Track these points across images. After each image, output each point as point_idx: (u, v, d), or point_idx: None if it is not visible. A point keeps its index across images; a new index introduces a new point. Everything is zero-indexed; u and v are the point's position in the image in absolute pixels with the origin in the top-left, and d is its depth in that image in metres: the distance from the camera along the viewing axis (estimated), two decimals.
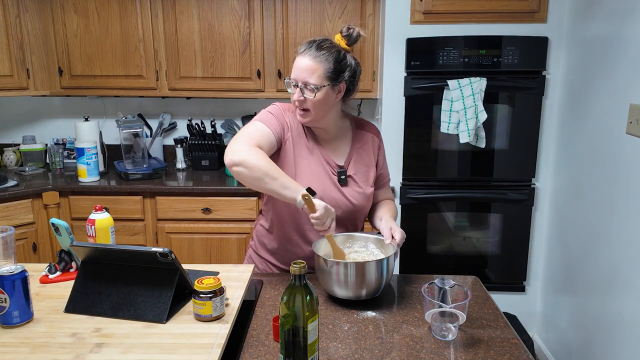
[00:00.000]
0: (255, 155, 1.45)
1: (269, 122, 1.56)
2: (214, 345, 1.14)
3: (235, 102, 3.34)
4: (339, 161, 1.62)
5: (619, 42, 2.14)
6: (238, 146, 1.48)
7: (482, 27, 2.65)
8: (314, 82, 1.49)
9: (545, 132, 2.76)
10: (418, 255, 2.88)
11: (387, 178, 1.78)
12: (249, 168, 1.43)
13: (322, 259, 1.41)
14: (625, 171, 2.08)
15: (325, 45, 1.51)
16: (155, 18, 2.94)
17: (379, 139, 1.73)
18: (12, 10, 2.85)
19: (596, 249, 2.30)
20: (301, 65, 1.50)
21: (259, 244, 1.74)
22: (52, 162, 3.19)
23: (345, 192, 1.61)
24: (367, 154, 1.67)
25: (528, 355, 1.22)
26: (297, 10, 2.91)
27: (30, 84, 2.99)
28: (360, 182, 1.63)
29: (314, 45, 1.50)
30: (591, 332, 2.35)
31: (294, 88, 1.53)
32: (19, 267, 1.22)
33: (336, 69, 1.51)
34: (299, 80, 1.51)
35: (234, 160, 1.45)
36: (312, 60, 1.49)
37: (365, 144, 1.68)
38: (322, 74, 1.49)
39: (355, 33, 1.53)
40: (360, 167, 1.65)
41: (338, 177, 1.60)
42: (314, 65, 1.48)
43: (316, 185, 1.54)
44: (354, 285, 1.40)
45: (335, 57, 1.50)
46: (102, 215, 1.54)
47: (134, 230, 2.90)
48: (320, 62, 1.49)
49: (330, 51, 1.50)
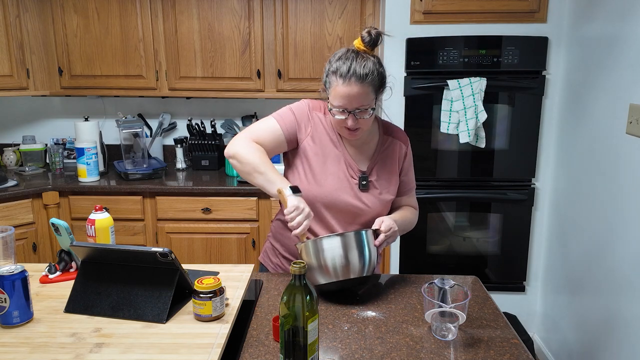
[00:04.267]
0: (248, 149, 1.48)
1: (284, 120, 1.55)
2: (214, 345, 1.14)
3: (235, 102, 3.34)
4: (362, 166, 1.59)
5: (619, 42, 2.14)
6: (238, 139, 1.53)
7: (482, 27, 2.65)
8: (369, 104, 1.46)
9: (545, 132, 2.76)
10: (418, 255, 2.88)
11: (410, 185, 1.71)
12: (240, 161, 1.49)
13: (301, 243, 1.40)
14: (625, 171, 2.08)
15: (367, 64, 1.44)
16: (155, 18, 2.94)
17: (407, 145, 1.68)
18: (12, 10, 2.85)
19: (596, 249, 2.30)
20: (352, 94, 1.43)
21: (275, 237, 1.73)
22: (52, 162, 3.19)
23: (363, 197, 1.58)
24: (392, 161, 1.63)
25: (528, 355, 1.22)
26: (297, 10, 2.91)
27: (30, 84, 2.99)
28: (380, 188, 1.60)
29: (356, 68, 1.42)
30: (591, 331, 2.35)
31: (343, 114, 1.47)
32: (19, 267, 1.22)
33: (380, 81, 1.49)
34: (352, 108, 1.45)
35: (229, 152, 1.52)
36: (360, 87, 1.43)
37: (392, 151, 1.63)
38: (372, 91, 1.46)
39: (374, 34, 1.47)
40: (382, 174, 1.61)
41: (359, 182, 1.57)
42: (364, 89, 1.43)
43: (334, 186, 1.53)
44: (338, 266, 1.38)
45: (378, 70, 1.47)
46: (102, 215, 1.54)
47: (134, 230, 2.90)
48: (368, 83, 1.44)
49: (371, 68, 1.44)
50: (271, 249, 1.75)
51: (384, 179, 1.61)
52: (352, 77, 1.42)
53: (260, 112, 3.34)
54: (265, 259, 1.77)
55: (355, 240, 1.41)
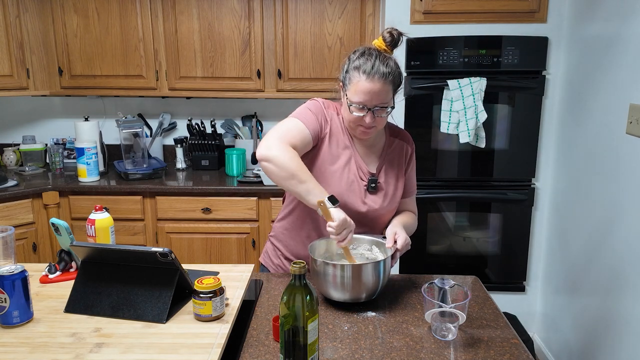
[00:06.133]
0: (286, 154, 1.42)
1: (308, 120, 1.52)
2: (214, 345, 1.14)
3: (235, 102, 3.34)
4: (371, 168, 1.59)
5: (619, 42, 2.14)
6: (272, 142, 1.44)
7: (482, 27, 2.65)
8: (388, 102, 1.46)
9: (545, 132, 2.76)
10: (418, 255, 2.88)
11: (412, 189, 1.71)
12: (278, 166, 1.42)
13: (318, 261, 1.41)
14: (625, 171, 2.08)
15: (389, 64, 1.45)
16: (155, 18, 2.94)
17: (412, 148, 1.68)
18: (12, 10, 2.85)
19: (596, 249, 2.30)
20: (374, 90, 1.44)
21: (277, 237, 1.72)
22: (52, 162, 3.19)
23: (372, 199, 1.58)
24: (398, 163, 1.64)
25: (528, 355, 1.22)
26: (297, 10, 2.91)
27: (30, 84, 2.99)
28: (387, 189, 1.60)
29: (379, 66, 1.44)
30: (591, 332, 2.35)
31: (362, 110, 1.47)
32: (19, 267, 1.22)
33: (399, 80, 1.49)
34: (372, 106, 1.46)
35: (266, 156, 1.43)
36: (383, 84, 1.44)
37: (398, 153, 1.64)
38: (392, 90, 1.47)
39: (397, 34, 1.48)
40: (390, 176, 1.62)
41: (368, 185, 1.57)
42: (386, 86, 1.44)
43: (343, 188, 1.52)
44: (350, 288, 1.39)
45: (398, 70, 1.48)
46: (102, 215, 1.54)
47: (134, 230, 2.90)
48: (390, 82, 1.45)
49: (393, 67, 1.45)
50: (273, 249, 1.75)
51: (391, 180, 1.62)
52: (375, 74, 1.43)
53: (260, 112, 3.34)
54: (266, 259, 1.77)
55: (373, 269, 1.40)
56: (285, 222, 1.68)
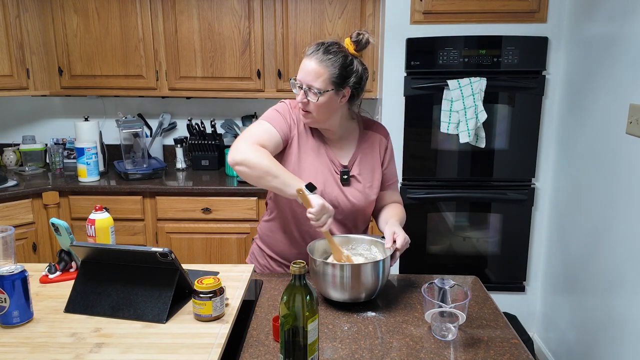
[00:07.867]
0: (256, 154, 1.47)
1: (276, 121, 1.57)
2: (214, 345, 1.14)
3: (235, 102, 3.34)
4: (343, 161, 1.62)
5: (619, 42, 2.14)
6: (241, 145, 1.51)
7: (482, 27, 2.65)
8: (318, 86, 1.48)
9: (545, 132, 2.76)
10: (418, 255, 2.88)
11: (393, 180, 1.74)
12: (250, 167, 1.47)
13: (318, 261, 1.41)
14: (625, 171, 2.08)
15: (333, 50, 1.49)
16: (155, 18, 2.94)
17: (387, 139, 1.71)
18: (12, 11, 2.85)
19: (596, 249, 2.30)
20: (307, 68, 1.49)
21: (262, 238, 1.75)
22: (52, 162, 3.19)
23: (347, 192, 1.61)
24: (373, 155, 1.67)
25: (528, 355, 1.22)
26: (297, 10, 2.91)
27: (30, 84, 2.99)
28: (363, 182, 1.63)
29: (322, 49, 1.49)
30: (591, 332, 2.35)
31: (299, 89, 1.53)
32: (18, 267, 1.22)
33: (341, 74, 1.50)
34: (304, 83, 1.50)
35: (236, 159, 1.49)
36: (318, 64, 1.48)
37: (372, 145, 1.67)
38: (327, 78, 1.48)
39: (365, 39, 1.52)
40: (365, 168, 1.64)
41: (341, 177, 1.60)
42: (319, 69, 1.48)
43: (318, 183, 1.54)
44: (350, 288, 1.40)
45: (342, 63, 1.49)
46: (102, 215, 1.54)
47: (134, 230, 2.90)
48: (326, 66, 1.48)
49: (337, 56, 1.49)
50: (258, 250, 1.77)
51: (366, 172, 1.64)
52: (313, 53, 1.49)
53: (260, 112, 3.34)
54: (252, 260, 1.79)
55: (372, 269, 1.40)
56: (269, 224, 1.72)
